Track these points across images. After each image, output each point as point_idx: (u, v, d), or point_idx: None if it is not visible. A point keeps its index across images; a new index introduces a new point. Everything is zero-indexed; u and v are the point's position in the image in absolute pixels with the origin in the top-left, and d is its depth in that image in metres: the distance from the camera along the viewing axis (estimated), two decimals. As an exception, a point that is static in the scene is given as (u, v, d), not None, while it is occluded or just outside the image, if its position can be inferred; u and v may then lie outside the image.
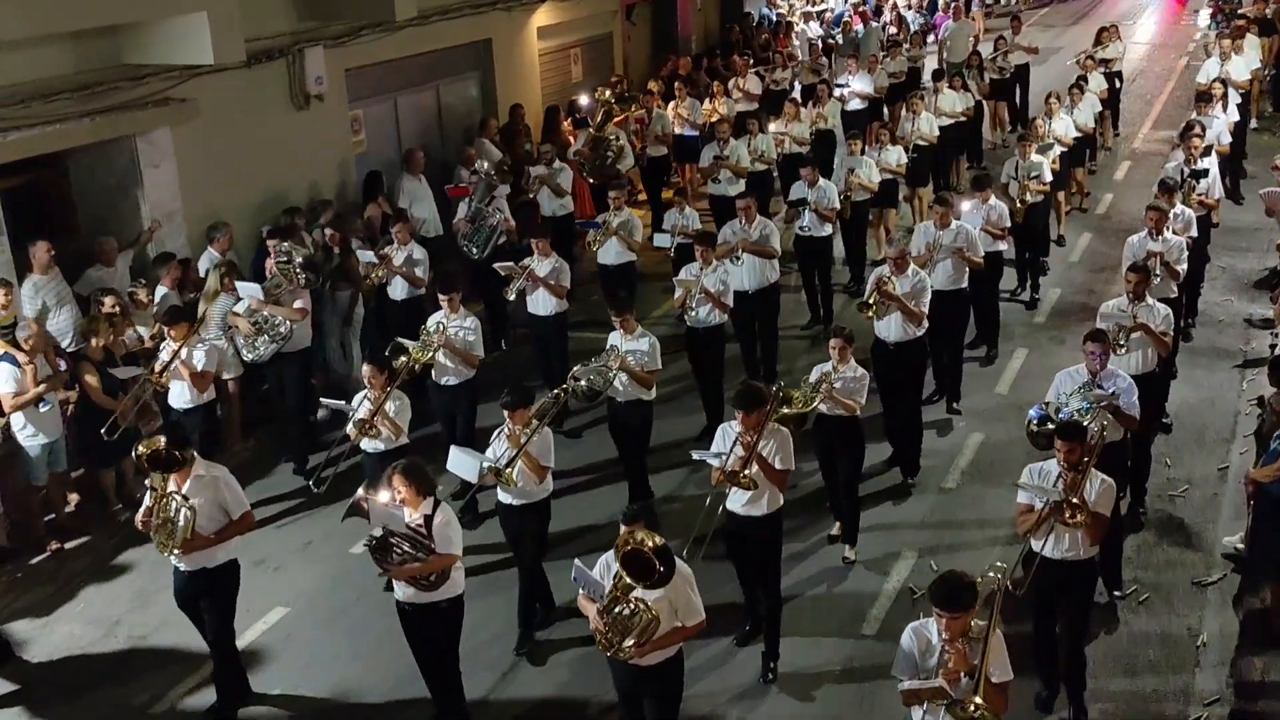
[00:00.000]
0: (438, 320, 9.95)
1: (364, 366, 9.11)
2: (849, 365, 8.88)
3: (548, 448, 8.21)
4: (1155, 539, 9.37)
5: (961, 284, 11.23)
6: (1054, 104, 15.36)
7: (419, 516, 7.07)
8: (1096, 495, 7.02)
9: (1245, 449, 10.19)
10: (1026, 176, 13.25)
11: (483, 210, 12.89)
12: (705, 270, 10.74)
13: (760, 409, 7.67)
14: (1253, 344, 12.58)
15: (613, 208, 12.56)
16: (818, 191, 12.88)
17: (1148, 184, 17.72)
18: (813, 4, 27.43)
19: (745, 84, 18.63)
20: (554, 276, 11.22)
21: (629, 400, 9.57)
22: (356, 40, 13.61)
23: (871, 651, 8.25)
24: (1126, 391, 8.21)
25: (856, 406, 8.84)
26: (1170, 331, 9.47)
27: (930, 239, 11.19)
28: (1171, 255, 10.62)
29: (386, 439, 8.82)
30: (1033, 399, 11.51)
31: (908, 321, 9.97)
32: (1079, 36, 26.83)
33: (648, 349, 9.50)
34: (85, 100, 10.70)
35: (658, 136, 16.76)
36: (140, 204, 11.58)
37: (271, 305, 10.48)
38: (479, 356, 10.04)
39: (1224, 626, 8.32)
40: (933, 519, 9.83)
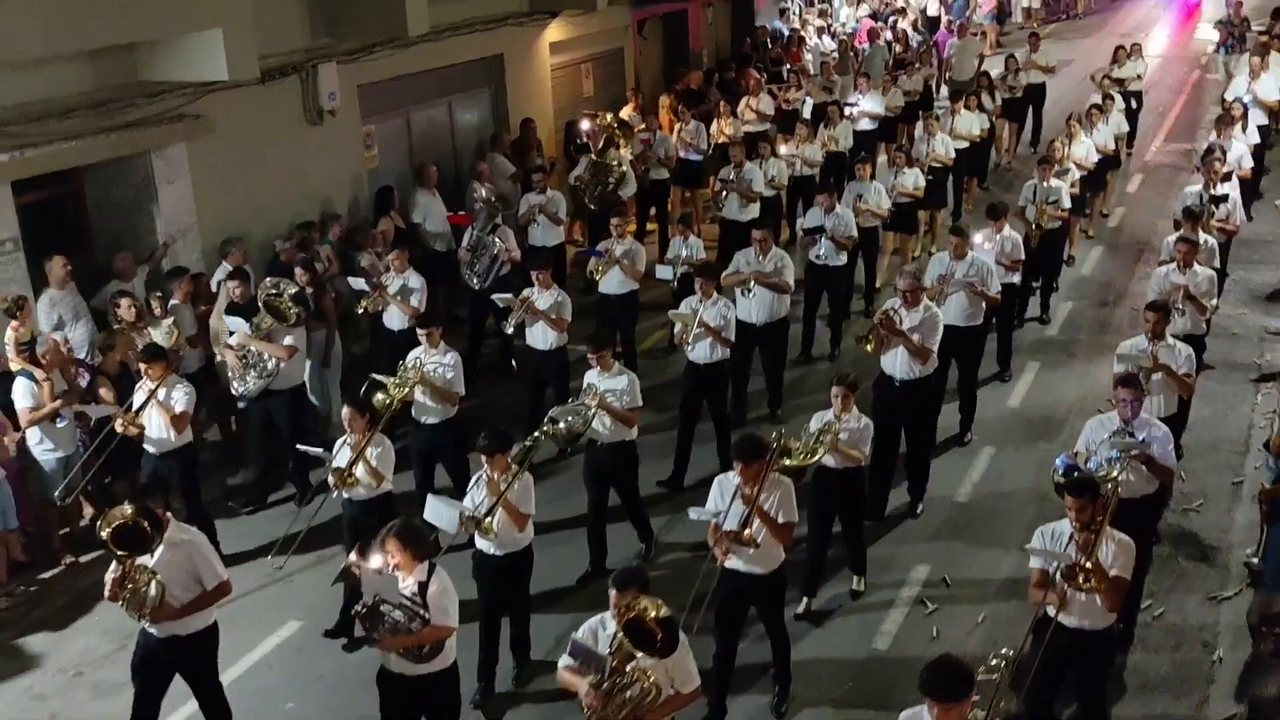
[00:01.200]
0: (416, 356, 9.59)
1: (343, 409, 8.62)
2: (852, 414, 8.43)
3: (528, 494, 7.80)
4: (1170, 553, 9.33)
5: (977, 320, 10.87)
6: (1074, 126, 15.04)
7: (413, 583, 6.58)
8: (1113, 557, 6.53)
9: (1259, 462, 10.15)
10: (1045, 201, 12.97)
11: (484, 239, 12.51)
12: (705, 303, 10.28)
13: (761, 460, 7.21)
14: (1268, 356, 12.54)
15: (615, 235, 12.10)
16: (835, 218, 12.53)
17: (1160, 197, 17.80)
18: (825, 18, 27.46)
19: (757, 103, 18.18)
20: (555, 310, 10.79)
21: (612, 442, 9.06)
22: (369, 56, 13.69)
23: (884, 666, 8.24)
24: (1161, 441, 7.75)
25: (862, 458, 8.46)
26: (1193, 373, 9.06)
27: (945, 270, 10.78)
28: (1200, 289, 10.26)
29: (368, 486, 8.41)
30: (1044, 413, 11.60)
31: (914, 359, 9.57)
32: (1092, 49, 26.85)
33: (626, 386, 9.00)
34: (102, 117, 10.79)
35: (660, 160, 16.14)
36: (155, 219, 11.65)
37: (259, 341, 10.12)
38: (459, 393, 9.62)
39: (1239, 642, 8.28)
40: (945, 532, 9.81)
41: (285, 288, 10.22)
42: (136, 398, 9.21)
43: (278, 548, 9.51)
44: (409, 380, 9.36)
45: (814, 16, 27.32)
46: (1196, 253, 10.48)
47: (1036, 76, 19.58)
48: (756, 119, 17.94)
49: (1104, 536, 6.56)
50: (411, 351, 9.69)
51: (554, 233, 13.72)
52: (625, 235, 12.12)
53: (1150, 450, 7.62)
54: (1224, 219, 12.22)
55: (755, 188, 14.35)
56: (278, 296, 10.11)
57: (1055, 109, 20.75)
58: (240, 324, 10.18)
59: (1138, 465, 7.60)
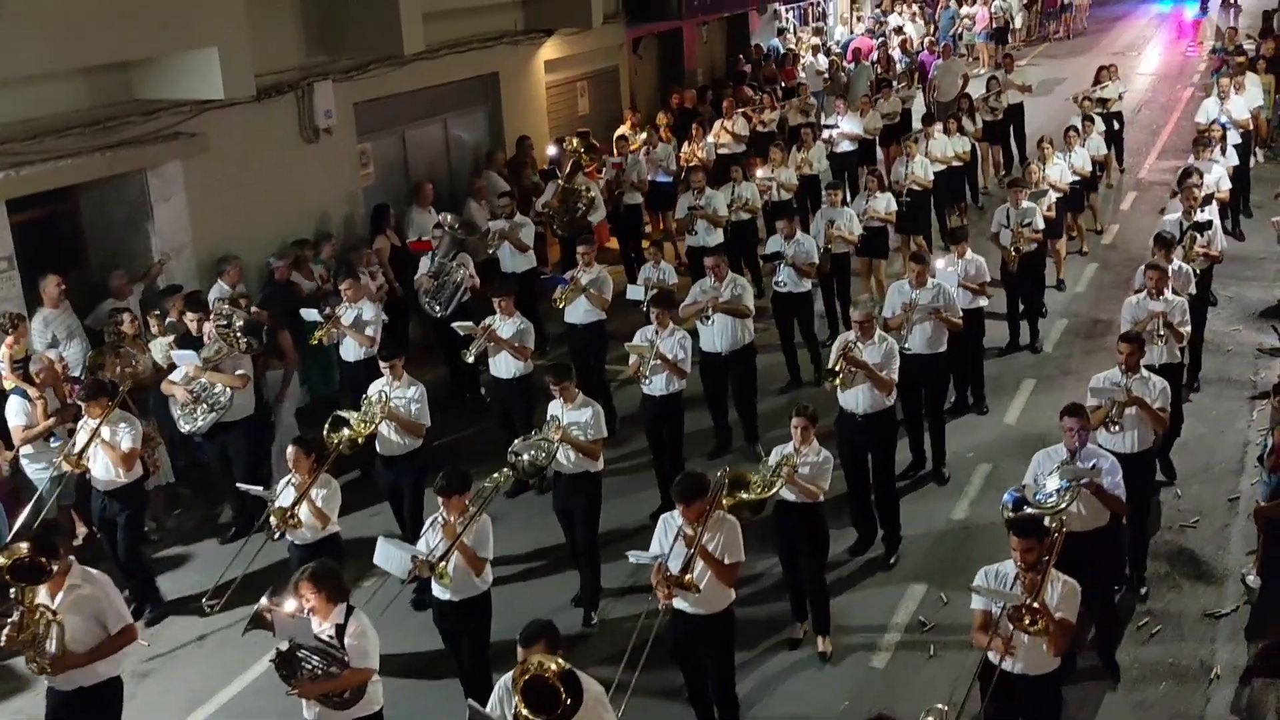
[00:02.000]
0: (380, 389, 9.35)
1: (289, 448, 8.31)
2: (811, 447, 8.19)
3: (486, 538, 7.51)
4: (1166, 570, 9.32)
5: (940, 347, 10.55)
6: (1046, 148, 14.75)
7: (330, 626, 6.35)
8: (1059, 598, 6.36)
9: (1255, 479, 10.15)
10: (1019, 224, 12.75)
11: (446, 265, 12.15)
12: (661, 334, 10.04)
13: (702, 499, 7.01)
14: (1262, 374, 12.55)
15: (582, 264, 11.63)
16: (795, 245, 12.27)
17: (1153, 214, 17.80)
18: (821, 36, 27.59)
19: (732, 124, 17.81)
20: (518, 338, 10.50)
21: (576, 474, 8.85)
22: (365, 74, 13.73)
23: (882, 682, 8.22)
24: (1109, 471, 7.56)
25: (819, 492, 8.16)
26: (1168, 407, 8.67)
27: (907, 299, 10.50)
28: (1174, 316, 9.96)
29: (312, 528, 8.12)
30: (1041, 429, 11.58)
31: (876, 390, 9.34)
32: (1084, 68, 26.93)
33: (591, 418, 8.77)
34: (97, 135, 10.80)
35: (633, 184, 15.76)
36: (150, 237, 11.66)
37: (210, 372, 9.85)
38: (425, 425, 9.39)
39: (1236, 659, 8.27)
40: (941, 549, 9.79)
41: (235, 318, 10.03)
42: (79, 437, 8.92)
43: (211, 593, 9.10)
44: (374, 415, 9.13)
45: (809, 35, 27.48)
46: (1166, 279, 10.18)
47: (1015, 97, 19.34)
48: (732, 140, 17.69)
49: (1049, 578, 6.37)
50: (374, 384, 9.47)
51: (522, 259, 13.36)
52: (591, 263, 11.63)
53: (1100, 479, 7.45)
54: (1206, 245, 11.89)
55: (719, 213, 14.00)
56: (227, 327, 9.93)
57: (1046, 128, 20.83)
58: (189, 356, 9.89)
59: (1088, 495, 7.43)
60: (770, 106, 19.12)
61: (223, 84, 10.81)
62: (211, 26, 10.65)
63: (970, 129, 17.65)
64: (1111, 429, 8.40)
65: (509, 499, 10.37)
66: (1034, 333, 13.49)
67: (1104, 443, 8.24)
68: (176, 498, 10.79)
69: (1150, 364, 9.20)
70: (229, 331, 9.91)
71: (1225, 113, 16.62)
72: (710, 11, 21.16)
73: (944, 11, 30.82)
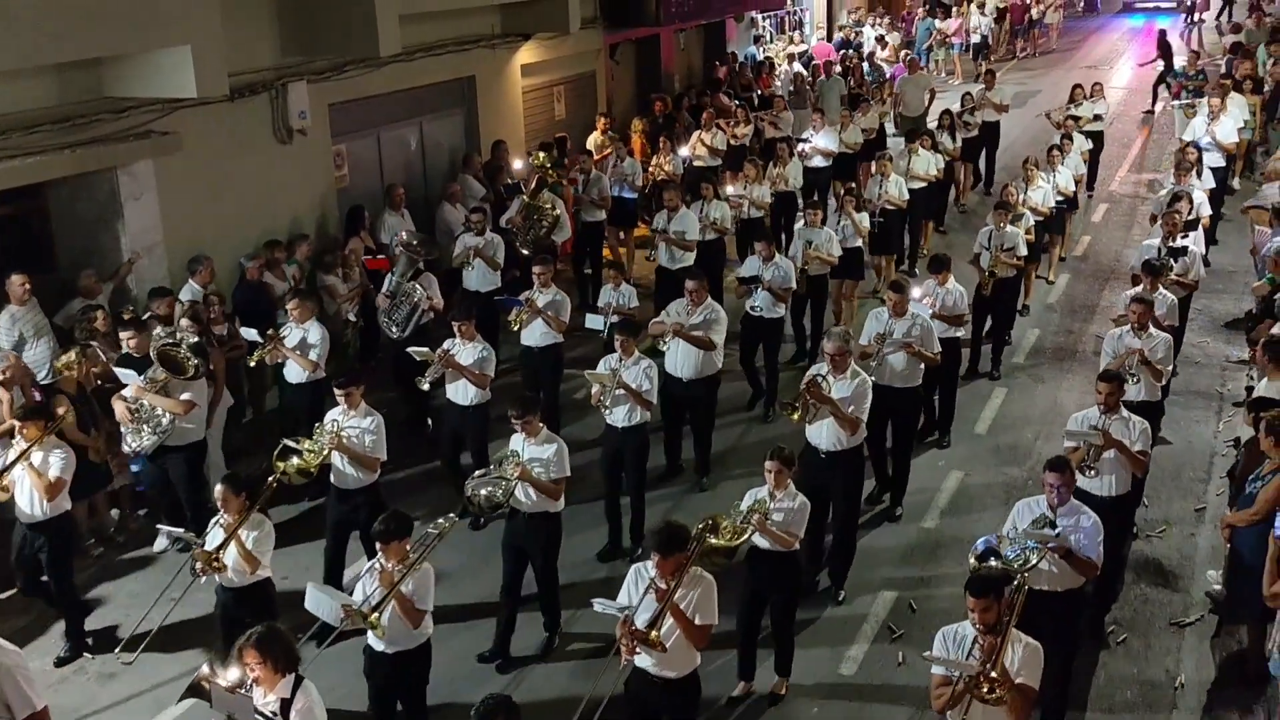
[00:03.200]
0: (333, 418, 8.83)
1: (217, 487, 7.80)
2: (787, 491, 7.71)
3: (427, 588, 7.05)
4: (1133, 579, 9.38)
5: (915, 380, 10.11)
6: (1032, 170, 14.40)
7: (275, 700, 5.79)
8: (1020, 662, 5.95)
9: (1221, 490, 10.25)
10: (1000, 249, 12.46)
11: (404, 286, 11.61)
12: (625, 362, 9.54)
13: (682, 553, 6.56)
14: (1230, 385, 12.67)
15: (538, 284, 11.12)
16: (773, 269, 11.76)
17: (1124, 226, 18.02)
18: (798, 44, 27.67)
19: (711, 138, 17.38)
20: (479, 365, 9.97)
21: (535, 513, 8.36)
22: (340, 75, 13.66)
23: (851, 692, 8.23)
24: (1088, 532, 7.09)
25: (795, 540, 7.72)
26: (1149, 450, 8.36)
27: (883, 328, 10.07)
28: (1157, 352, 9.57)
29: (240, 572, 7.62)
30: (1012, 439, 11.67)
31: (843, 429, 8.85)
32: (1058, 81, 27.18)
33: (554, 455, 8.28)
34: (67, 132, 10.69)
35: (593, 201, 15.17)
36: (121, 236, 11.54)
37: (153, 395, 9.27)
38: (379, 459, 8.86)
39: (1201, 668, 8.33)
40: (912, 557, 9.82)
41: (184, 338, 9.52)
42: (10, 454, 8.37)
43: (124, 644, 8.57)
44: (324, 445, 8.61)
45: (785, 43, 27.55)
46: (1151, 313, 9.88)
47: (991, 115, 19.06)
48: (707, 154, 17.40)
49: (1009, 640, 5.99)
50: (330, 411, 8.99)
51: (491, 278, 12.79)
52: (548, 284, 11.18)
53: (1069, 542, 7.00)
54: (1182, 274, 11.62)
55: (689, 236, 13.39)
56: (175, 347, 9.32)
57: (1017, 145, 21.01)
58: (131, 375, 9.39)
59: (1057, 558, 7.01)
60: (744, 120, 18.81)
61: (196, 83, 10.70)
62: (185, 25, 10.55)
63: (949, 146, 17.36)
64: (1088, 473, 8.11)
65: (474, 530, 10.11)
66: (995, 360, 13.13)
67: (1081, 487, 7.93)
68: (141, 496, 10.68)
69: (1127, 400, 8.85)
70: (176, 351, 9.29)
71: (1210, 133, 16.38)
72: (688, 19, 21.19)
73: (920, 23, 30.97)
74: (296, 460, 8.50)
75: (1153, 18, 39.39)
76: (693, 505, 10.38)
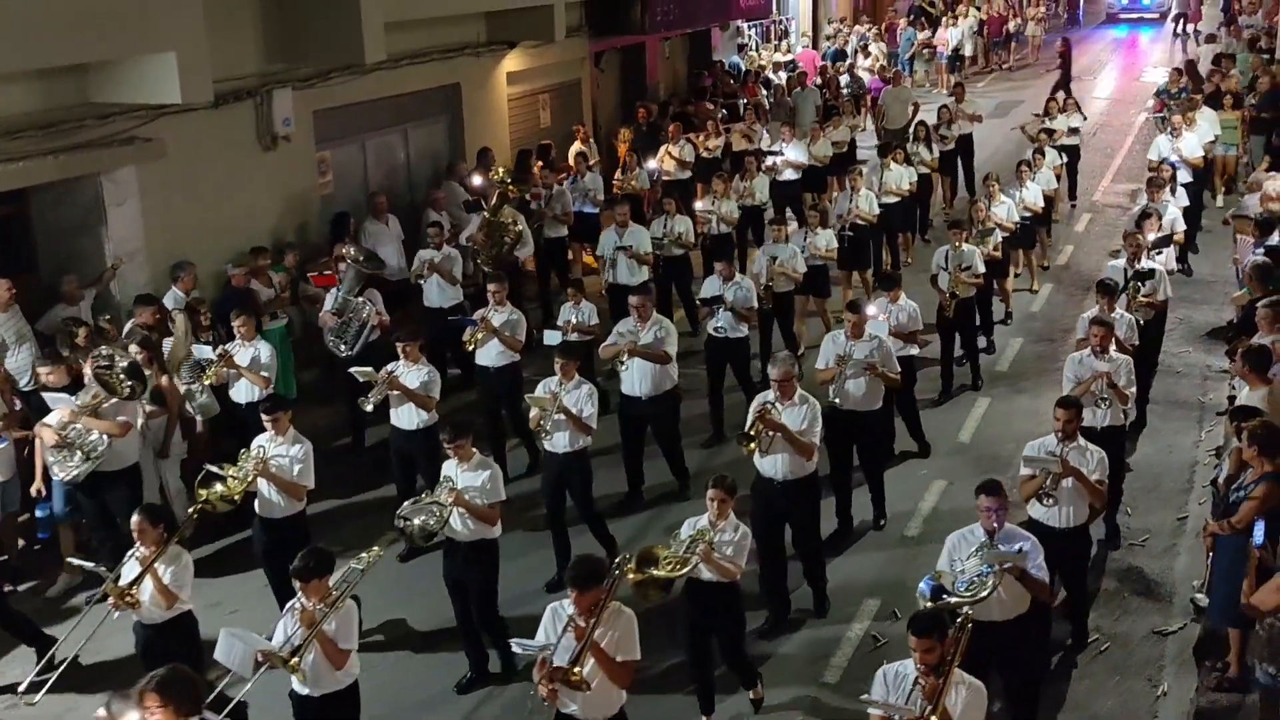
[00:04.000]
0: (260, 444, 8.48)
1: (133, 517, 7.40)
2: (729, 521, 7.46)
3: (350, 627, 6.72)
4: (1115, 588, 9.41)
5: (877, 403, 9.89)
6: (993, 186, 14.16)
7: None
8: (963, 706, 5.80)
9: (1203, 499, 10.30)
10: (957, 268, 12.18)
11: (351, 302, 11.30)
12: (565, 386, 9.23)
13: (597, 587, 6.29)
14: (1210, 395, 12.74)
15: (493, 303, 10.82)
16: (735, 289, 11.43)
17: (1107, 235, 18.10)
18: (783, 53, 27.75)
19: (679, 151, 17.09)
20: (424, 388, 9.63)
21: (473, 541, 8.07)
22: (325, 82, 13.65)
23: (835, 699, 8.22)
24: (1031, 555, 6.92)
25: (738, 571, 7.44)
26: (1106, 479, 8.10)
27: (842, 350, 9.78)
28: (1119, 376, 9.33)
29: (156, 606, 7.24)
30: (995, 447, 11.71)
31: (796, 456, 8.58)
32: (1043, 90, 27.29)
33: (488, 480, 8.01)
34: (50, 138, 10.66)
35: (556, 216, 14.80)
36: (104, 242, 11.51)
37: (88, 417, 8.98)
38: (306, 487, 8.51)
39: (1183, 677, 8.36)
40: (895, 565, 9.83)
41: (118, 359, 9.11)
42: None
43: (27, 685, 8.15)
44: (249, 472, 8.25)
45: (771, 52, 27.63)
46: (1112, 335, 9.63)
47: (965, 127, 18.86)
48: (676, 167, 17.19)
49: (952, 681, 5.79)
50: (257, 438, 8.61)
51: (450, 293, 12.58)
52: (504, 303, 10.87)
53: (1024, 563, 6.81)
54: (1150, 294, 11.31)
55: (641, 250, 13.01)
56: (109, 369, 9.01)
57: (1000, 154, 21.11)
58: (62, 399, 9.17)
59: (1010, 580, 6.79)
60: (715, 132, 18.58)
61: (180, 89, 10.69)
62: (169, 31, 10.54)
63: (926, 158, 17.21)
64: (1045, 502, 7.92)
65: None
66: (975, 372, 13.03)
67: (1037, 517, 7.94)
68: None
69: (1092, 426, 8.90)
70: (110, 374, 8.98)
71: (1176, 151, 16.19)
72: (673, 27, 21.24)
73: (903, 34, 31.04)
74: (220, 487, 8.21)
75: (1136, 29, 39.75)
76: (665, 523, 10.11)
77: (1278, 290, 10.71)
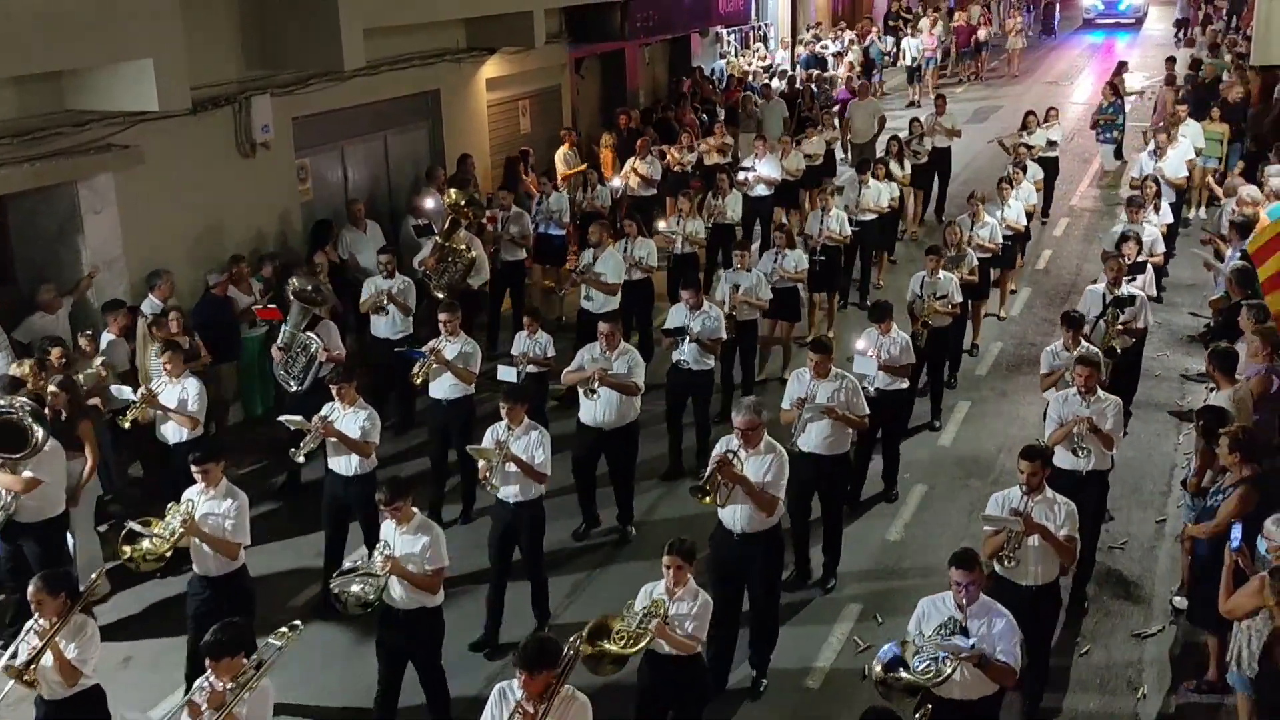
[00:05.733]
0: (189, 497, 7.81)
1: (30, 585, 6.69)
2: (688, 589, 6.84)
3: (265, 711, 6.27)
4: (1094, 591, 9.45)
5: (842, 447, 9.26)
6: (978, 206, 13.59)
7: None
8: None
9: (1181, 502, 10.34)
10: (933, 296, 11.62)
11: (298, 337, 10.68)
12: (514, 432, 8.59)
13: (550, 670, 5.79)
14: (1188, 399, 12.83)
15: (445, 333, 10.22)
16: (702, 318, 10.85)
17: (1085, 240, 18.23)
18: (762, 58, 27.80)
19: (646, 167, 16.58)
20: (363, 433, 8.90)
21: (412, 609, 7.44)
22: (304, 89, 13.60)
23: (816, 704, 8.25)
24: (1003, 636, 6.37)
25: (696, 645, 6.87)
26: (1076, 535, 7.51)
27: (804, 392, 9.14)
28: (1105, 420, 8.69)
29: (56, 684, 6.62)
30: (976, 451, 11.75)
31: (759, 509, 7.91)
32: (1020, 95, 27.46)
33: (427, 545, 7.35)
34: (26, 145, 10.57)
35: (513, 239, 14.19)
36: (81, 250, 11.43)
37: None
38: (239, 544, 7.79)
39: (1163, 679, 8.41)
40: (877, 570, 9.85)
41: (21, 405, 8.27)
42: None
43: None
44: (175, 529, 7.57)
45: (751, 57, 27.66)
46: (1098, 375, 8.96)
47: (942, 141, 18.41)
48: (641, 183, 16.78)
49: None
50: (187, 490, 7.89)
51: (400, 324, 11.86)
52: (456, 332, 10.24)
53: (985, 649, 6.28)
54: (1129, 320, 10.85)
55: (607, 279, 12.36)
56: (10, 415, 8.19)
57: (979, 161, 21.15)
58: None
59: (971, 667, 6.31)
60: (688, 146, 18.06)
61: (158, 96, 10.61)
62: (147, 38, 10.47)
63: (898, 174, 16.69)
64: (1006, 563, 7.39)
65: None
66: (935, 410, 12.30)
67: (1002, 574, 7.42)
68: (105, 514, 10.53)
69: (1075, 470, 8.65)
70: (13, 418, 8.18)
71: (1158, 171, 15.70)
72: (653, 33, 21.29)
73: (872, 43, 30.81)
74: (146, 544, 7.60)
75: (1113, 34, 40.05)
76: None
77: (1256, 294, 10.81)
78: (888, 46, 31.19)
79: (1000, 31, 35.93)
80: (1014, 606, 6.75)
